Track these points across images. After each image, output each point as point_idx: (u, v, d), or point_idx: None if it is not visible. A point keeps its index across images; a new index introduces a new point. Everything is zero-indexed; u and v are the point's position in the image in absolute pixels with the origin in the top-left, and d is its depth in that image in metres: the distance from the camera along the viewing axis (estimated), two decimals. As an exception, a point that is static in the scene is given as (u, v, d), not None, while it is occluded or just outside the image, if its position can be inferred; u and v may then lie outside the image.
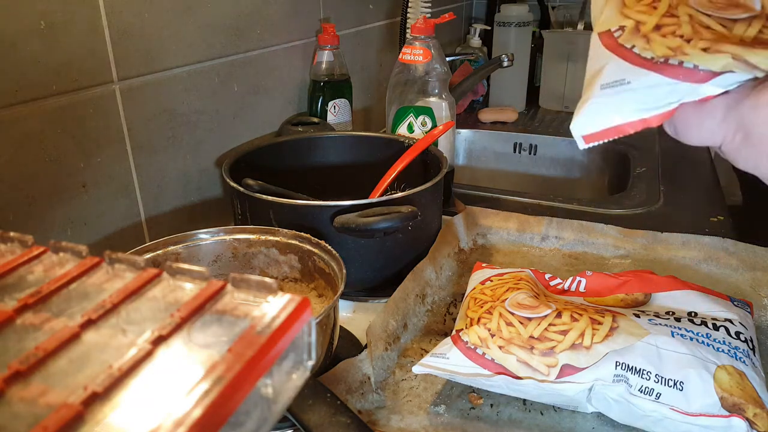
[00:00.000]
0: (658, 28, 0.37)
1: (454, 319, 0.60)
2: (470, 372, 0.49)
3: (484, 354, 0.49)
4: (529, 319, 0.50)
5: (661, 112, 0.37)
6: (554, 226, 0.79)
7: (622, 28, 0.38)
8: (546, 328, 0.49)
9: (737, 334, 0.50)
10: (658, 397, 0.45)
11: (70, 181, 0.62)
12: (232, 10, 0.80)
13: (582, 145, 0.39)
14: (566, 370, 0.47)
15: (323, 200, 0.63)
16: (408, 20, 1.17)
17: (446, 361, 0.50)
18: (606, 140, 0.38)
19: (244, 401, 0.23)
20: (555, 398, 0.48)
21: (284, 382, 0.26)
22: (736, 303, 0.55)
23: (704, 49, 0.36)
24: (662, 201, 0.93)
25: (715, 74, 0.35)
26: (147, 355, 0.23)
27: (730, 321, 0.51)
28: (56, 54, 0.58)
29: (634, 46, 0.37)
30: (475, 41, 1.51)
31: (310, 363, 0.27)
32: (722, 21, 0.35)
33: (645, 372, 0.46)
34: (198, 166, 0.79)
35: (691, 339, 0.48)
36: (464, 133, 1.34)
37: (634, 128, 0.37)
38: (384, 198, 0.63)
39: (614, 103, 0.38)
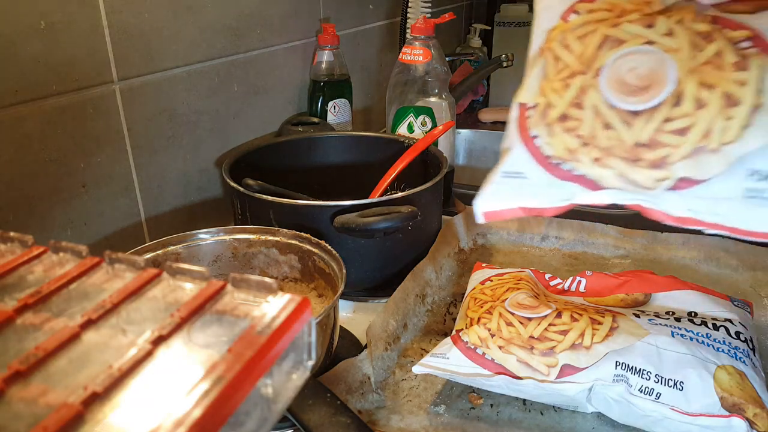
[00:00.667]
0: (563, 118, 0.39)
1: (454, 319, 0.60)
2: (470, 372, 0.49)
3: (484, 354, 0.49)
4: (529, 319, 0.50)
5: (556, 206, 0.40)
6: (554, 226, 0.79)
7: (535, 106, 0.42)
8: (546, 328, 0.49)
9: (737, 334, 0.50)
10: (658, 397, 0.45)
11: (70, 181, 0.62)
12: (233, 10, 0.80)
13: (481, 220, 0.43)
14: (566, 370, 0.47)
15: (323, 200, 0.63)
16: (408, 20, 1.17)
17: (446, 361, 0.50)
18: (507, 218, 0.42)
19: (244, 401, 0.23)
20: (555, 398, 0.48)
21: (284, 382, 0.26)
22: (736, 303, 0.55)
23: (596, 159, 0.39)
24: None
25: (604, 187, 0.39)
26: (147, 355, 0.23)
27: (730, 321, 0.51)
28: (56, 54, 0.58)
29: (537, 137, 0.41)
30: (475, 41, 1.51)
31: (310, 363, 0.27)
32: (625, 116, 0.38)
33: (645, 372, 0.46)
34: (198, 166, 0.79)
35: (691, 339, 0.48)
36: (464, 133, 1.34)
37: (529, 213, 0.41)
38: (384, 198, 0.63)
39: (513, 190, 0.41)
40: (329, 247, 0.56)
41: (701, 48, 0.37)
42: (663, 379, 0.45)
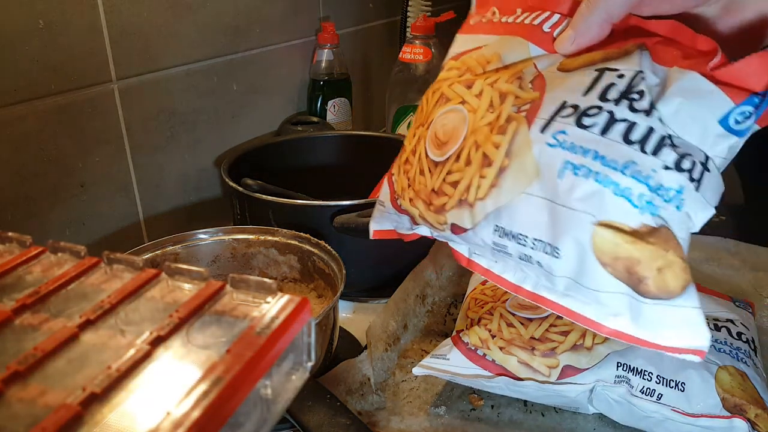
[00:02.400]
0: (406, 161, 0.45)
1: (455, 320, 0.60)
2: (471, 373, 0.49)
3: (484, 355, 0.49)
4: (530, 319, 0.50)
5: (406, 234, 0.47)
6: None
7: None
8: (547, 329, 0.49)
9: (739, 334, 0.50)
10: (660, 398, 0.45)
11: (68, 181, 0.62)
12: (232, 9, 0.80)
13: (371, 236, 0.50)
14: (567, 371, 0.47)
15: (323, 200, 0.63)
16: (408, 19, 1.17)
17: (446, 362, 0.50)
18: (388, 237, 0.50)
19: (243, 402, 0.22)
20: (556, 399, 0.48)
21: (283, 383, 0.26)
22: (737, 303, 0.55)
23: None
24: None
25: (418, 224, 0.45)
26: (146, 356, 0.23)
27: (732, 321, 0.51)
28: (55, 53, 0.58)
29: (393, 174, 0.47)
30: (475, 41, 1.51)
31: (310, 364, 0.27)
32: (431, 165, 0.42)
33: (646, 373, 0.45)
34: (197, 165, 0.78)
35: (693, 339, 0.48)
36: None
37: (399, 237, 0.49)
38: (384, 198, 0.63)
39: (381, 215, 0.49)
40: (329, 248, 0.56)
41: (494, 109, 0.40)
42: (664, 380, 0.45)
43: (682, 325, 0.35)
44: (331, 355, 0.54)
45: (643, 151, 0.34)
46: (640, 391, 0.45)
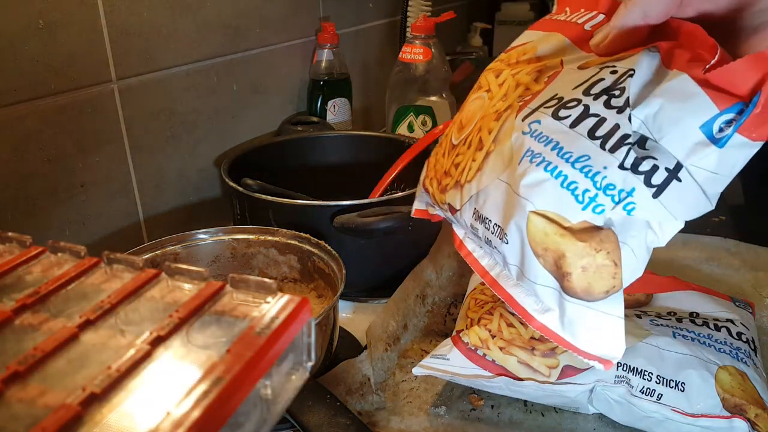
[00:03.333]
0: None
1: (455, 320, 0.60)
2: (471, 373, 0.49)
3: (484, 355, 0.49)
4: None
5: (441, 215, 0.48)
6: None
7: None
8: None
9: (739, 334, 0.50)
10: (660, 398, 0.45)
11: (68, 181, 0.62)
12: (231, 8, 0.79)
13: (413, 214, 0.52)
14: (567, 371, 0.47)
15: (323, 200, 0.63)
16: (408, 19, 1.17)
17: (446, 362, 0.50)
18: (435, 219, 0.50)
19: (243, 402, 0.22)
20: (556, 399, 0.48)
21: (283, 383, 0.26)
22: (737, 304, 0.55)
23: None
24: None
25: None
26: (146, 356, 0.23)
27: (732, 321, 0.51)
28: (55, 53, 0.58)
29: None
30: (476, 40, 1.51)
31: (310, 364, 0.27)
32: (450, 150, 0.44)
33: (646, 373, 0.45)
34: (197, 165, 0.78)
35: (693, 340, 0.48)
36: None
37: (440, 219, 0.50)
38: (384, 198, 0.63)
39: (422, 197, 0.50)
40: (329, 248, 0.56)
41: (507, 98, 0.41)
42: (664, 380, 0.45)
43: (598, 331, 0.34)
44: (331, 355, 0.54)
45: (602, 147, 0.34)
46: (640, 391, 0.45)
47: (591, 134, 0.35)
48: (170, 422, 0.20)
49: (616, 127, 0.34)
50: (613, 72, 0.36)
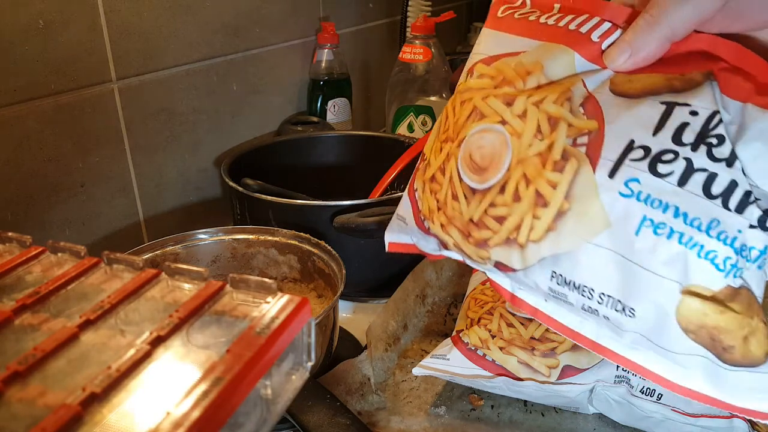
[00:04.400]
0: (432, 179, 0.42)
1: (455, 320, 0.60)
2: (470, 373, 0.49)
3: (484, 355, 0.49)
4: (530, 320, 0.50)
5: (431, 253, 0.43)
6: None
7: (425, 159, 0.44)
8: (547, 329, 0.49)
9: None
10: (660, 398, 0.45)
11: (68, 181, 0.62)
12: (231, 8, 0.79)
13: (387, 248, 0.47)
14: (567, 371, 0.47)
15: (323, 200, 0.63)
16: (408, 19, 1.17)
17: (446, 362, 0.50)
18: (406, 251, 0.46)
19: (243, 402, 0.22)
20: (556, 400, 0.48)
21: (283, 383, 0.26)
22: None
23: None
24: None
25: (450, 250, 0.41)
26: (146, 356, 0.23)
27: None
28: (55, 53, 0.58)
29: (416, 190, 0.43)
30: (476, 40, 1.51)
31: (310, 364, 0.27)
32: (467, 191, 0.39)
33: None
34: (197, 165, 0.78)
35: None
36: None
37: (421, 253, 0.45)
38: (384, 198, 0.63)
39: (402, 230, 0.46)
40: (329, 248, 0.56)
41: (543, 136, 0.35)
42: None
43: (762, 392, 0.33)
44: (331, 355, 0.54)
45: (726, 207, 0.31)
46: (640, 391, 0.45)
47: (707, 193, 0.32)
48: (170, 422, 0.20)
49: (733, 183, 0.32)
50: (694, 113, 0.33)
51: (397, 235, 0.46)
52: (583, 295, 0.35)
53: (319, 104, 0.97)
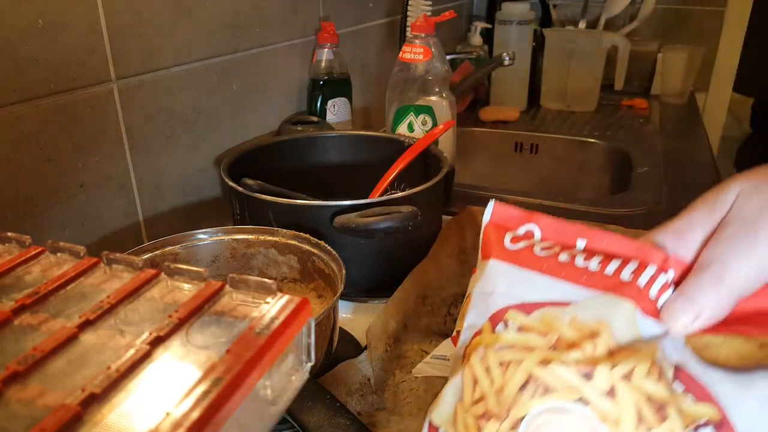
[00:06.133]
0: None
1: (455, 320, 0.60)
2: (471, 372, 0.48)
3: (484, 354, 0.49)
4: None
5: None
6: (555, 225, 0.79)
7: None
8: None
9: None
10: None
11: (67, 181, 0.62)
12: (231, 8, 0.79)
13: None
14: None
15: (323, 200, 0.63)
16: (408, 18, 1.17)
17: (446, 362, 0.50)
18: None
19: (243, 403, 0.22)
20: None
21: (283, 384, 0.26)
22: None
23: None
24: (664, 201, 0.93)
25: None
26: (145, 356, 0.23)
27: None
28: (54, 53, 0.58)
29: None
30: (476, 39, 1.51)
31: (310, 364, 0.27)
32: None
33: None
34: (196, 165, 0.78)
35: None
36: (465, 132, 1.34)
37: None
38: (384, 198, 0.63)
39: None
40: (329, 248, 0.56)
41: (648, 425, 0.28)
42: None
43: None
44: (331, 355, 0.54)
45: None
46: None
47: None
48: (170, 422, 0.20)
49: None
50: None
51: None
52: None
53: (319, 104, 0.97)
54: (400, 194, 0.64)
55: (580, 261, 0.34)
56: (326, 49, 0.96)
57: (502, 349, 0.32)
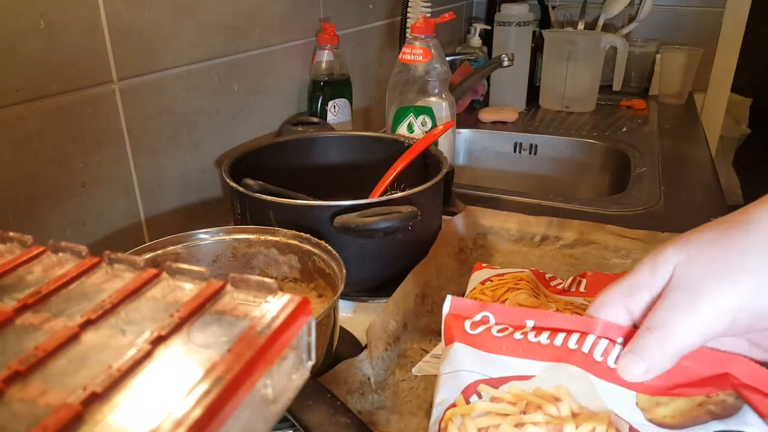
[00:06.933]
0: None
1: (454, 319, 0.60)
2: (470, 373, 0.49)
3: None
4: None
5: None
6: (554, 226, 0.79)
7: None
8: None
9: None
10: None
11: (69, 181, 0.62)
12: (232, 9, 0.80)
13: None
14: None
15: (323, 200, 0.63)
16: (408, 20, 1.17)
17: (446, 361, 0.50)
18: None
19: (243, 401, 0.22)
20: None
21: (284, 383, 0.26)
22: None
23: None
24: (663, 201, 0.93)
25: None
26: (146, 356, 0.23)
27: None
28: (56, 54, 0.58)
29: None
30: (475, 41, 1.51)
31: (310, 363, 0.27)
32: None
33: None
34: (198, 165, 0.79)
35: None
36: (464, 132, 1.34)
37: None
38: (384, 198, 0.63)
39: None
40: (329, 247, 0.56)
41: None
42: None
43: None
44: (331, 354, 0.54)
45: None
46: None
47: None
48: (171, 421, 0.20)
49: None
50: None
51: None
52: None
53: (319, 105, 0.97)
54: (400, 194, 0.64)
55: (532, 337, 0.39)
56: (327, 51, 0.96)
57: (479, 417, 0.36)
